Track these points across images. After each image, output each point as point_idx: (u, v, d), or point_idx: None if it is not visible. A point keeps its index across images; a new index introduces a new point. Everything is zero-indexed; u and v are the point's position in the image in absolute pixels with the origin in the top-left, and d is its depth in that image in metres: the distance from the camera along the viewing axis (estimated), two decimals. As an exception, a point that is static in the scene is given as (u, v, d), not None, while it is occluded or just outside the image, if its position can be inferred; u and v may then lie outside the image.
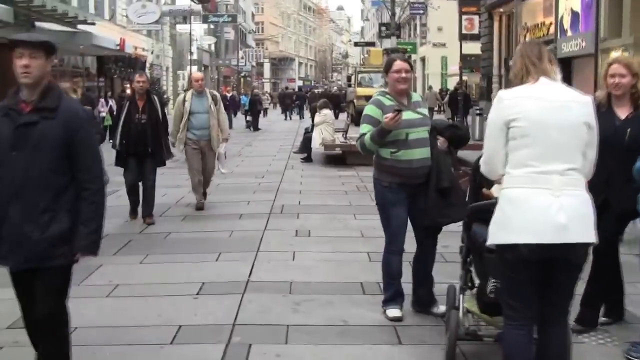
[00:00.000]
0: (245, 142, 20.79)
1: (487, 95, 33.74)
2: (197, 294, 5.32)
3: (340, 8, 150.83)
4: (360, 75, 30.91)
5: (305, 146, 15.16)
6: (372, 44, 59.54)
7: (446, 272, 5.09)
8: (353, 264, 6.21)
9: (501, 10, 32.55)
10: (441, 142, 4.71)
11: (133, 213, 8.23)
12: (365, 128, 4.59)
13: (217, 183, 11.03)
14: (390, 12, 18.48)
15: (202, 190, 8.91)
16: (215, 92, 9.41)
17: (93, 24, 23.84)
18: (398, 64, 4.58)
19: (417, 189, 4.60)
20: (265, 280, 5.69)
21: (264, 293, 5.31)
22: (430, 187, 4.54)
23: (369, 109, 4.66)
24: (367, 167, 14.34)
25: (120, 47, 27.27)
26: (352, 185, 11.27)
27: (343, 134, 15.97)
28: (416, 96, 4.83)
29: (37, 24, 22.29)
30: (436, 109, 32.46)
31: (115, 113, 8.73)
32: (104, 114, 20.36)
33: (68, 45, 24.18)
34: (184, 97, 8.77)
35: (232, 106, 30.65)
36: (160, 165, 8.13)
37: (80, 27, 23.66)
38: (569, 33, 18.24)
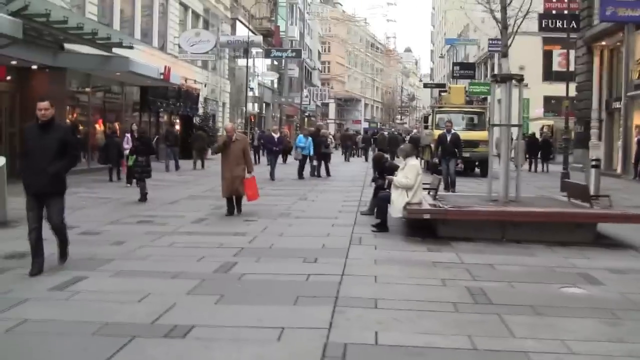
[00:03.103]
0: (299, 193, 16.63)
1: (584, 142, 28.63)
2: None
3: (408, 50, 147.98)
4: (438, 116, 26.71)
5: (379, 208, 10.88)
6: (443, 85, 55.77)
7: None
8: None
9: (603, 43, 27.82)
10: None
11: None
12: None
13: (241, 273, 6.99)
14: (501, 25, 14.29)
15: None
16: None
17: (130, 47, 20.42)
18: None
19: None
20: None
21: None
22: None
23: None
24: (468, 242, 9.13)
25: (165, 77, 23.85)
26: (459, 286, 6.80)
27: (430, 192, 11.61)
28: None
29: (68, 45, 19.11)
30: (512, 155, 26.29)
31: None
32: (127, 152, 16.92)
33: (100, 71, 20.96)
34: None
35: (268, 147, 23.38)
36: None
37: (118, 51, 20.32)
38: None
